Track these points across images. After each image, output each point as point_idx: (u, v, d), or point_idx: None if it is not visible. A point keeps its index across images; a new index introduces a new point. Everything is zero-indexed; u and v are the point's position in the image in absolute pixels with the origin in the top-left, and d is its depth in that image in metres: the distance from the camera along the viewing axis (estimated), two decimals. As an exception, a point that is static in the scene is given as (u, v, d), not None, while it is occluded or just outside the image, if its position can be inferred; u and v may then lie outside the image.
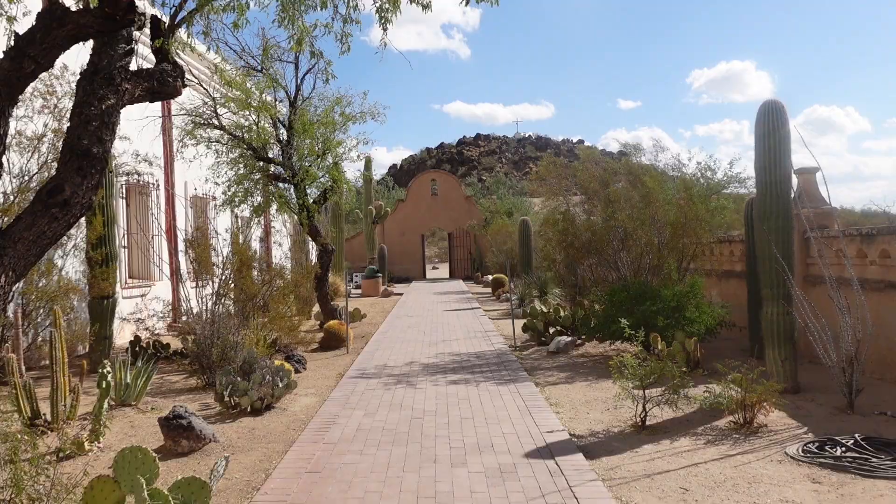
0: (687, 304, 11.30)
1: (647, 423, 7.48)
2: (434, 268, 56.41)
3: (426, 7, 6.94)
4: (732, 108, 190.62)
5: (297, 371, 11.26)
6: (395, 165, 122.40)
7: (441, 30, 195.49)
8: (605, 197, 13.94)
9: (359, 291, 30.22)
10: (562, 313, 14.44)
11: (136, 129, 14.27)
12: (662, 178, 14.67)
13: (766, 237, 8.93)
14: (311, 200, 16.18)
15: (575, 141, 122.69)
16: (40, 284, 11.43)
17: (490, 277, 30.70)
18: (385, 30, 6.87)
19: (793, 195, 9.15)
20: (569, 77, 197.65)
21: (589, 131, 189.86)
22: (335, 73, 7.74)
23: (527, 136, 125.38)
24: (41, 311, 11.53)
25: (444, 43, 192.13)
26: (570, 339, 13.10)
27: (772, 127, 8.91)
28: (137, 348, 12.44)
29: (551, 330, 14.22)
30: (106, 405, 7.33)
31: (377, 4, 6.79)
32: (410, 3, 6.96)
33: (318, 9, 6.50)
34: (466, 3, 6.88)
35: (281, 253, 22.27)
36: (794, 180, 10.05)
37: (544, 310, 14.94)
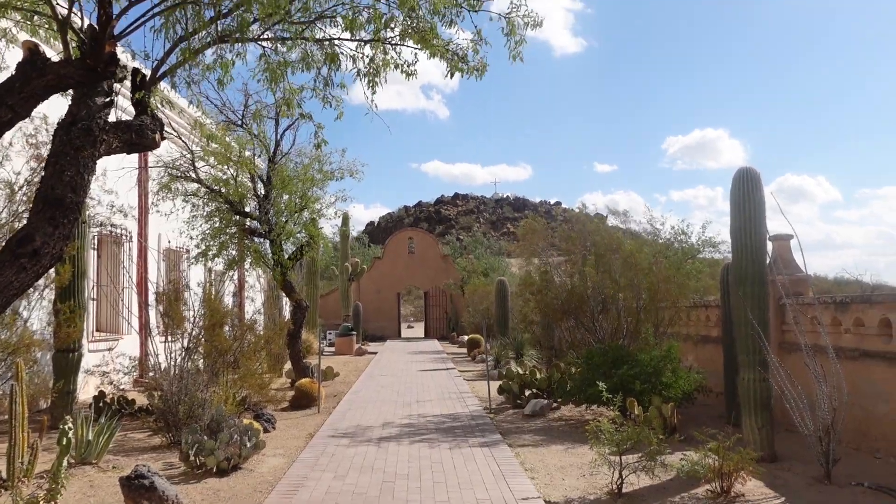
0: (664, 368, 11.30)
1: (624, 490, 7.39)
2: (409, 326, 56.12)
3: (410, 75, 7.09)
4: (706, 174, 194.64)
5: (266, 430, 11.04)
6: (372, 223, 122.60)
7: (421, 91, 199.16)
8: (588, 261, 14.05)
9: (332, 349, 29.91)
10: (538, 375, 14.37)
11: (112, 179, 14.22)
12: (641, 242, 14.85)
13: (742, 302, 9.02)
14: (287, 256, 16.13)
15: (552, 203, 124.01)
16: (2, 336, 11.18)
17: (466, 338, 30.58)
18: (374, 92, 6.99)
19: (768, 261, 9.29)
20: (546, 140, 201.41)
21: (566, 193, 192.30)
22: (318, 134, 7.81)
23: (505, 196, 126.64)
24: (2, 363, 11.25)
25: (423, 103, 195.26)
26: (546, 401, 13.00)
27: (747, 193, 9.10)
28: (101, 404, 12.15)
29: (527, 392, 14.11)
30: (65, 463, 7.11)
31: (359, 68, 6.93)
32: (395, 70, 7.11)
33: (302, 70, 6.62)
34: (451, 76, 7.04)
35: (254, 308, 22.07)
36: (769, 247, 10.22)
37: (520, 372, 14.86)
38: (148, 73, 6.17)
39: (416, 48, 6.95)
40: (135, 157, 16.32)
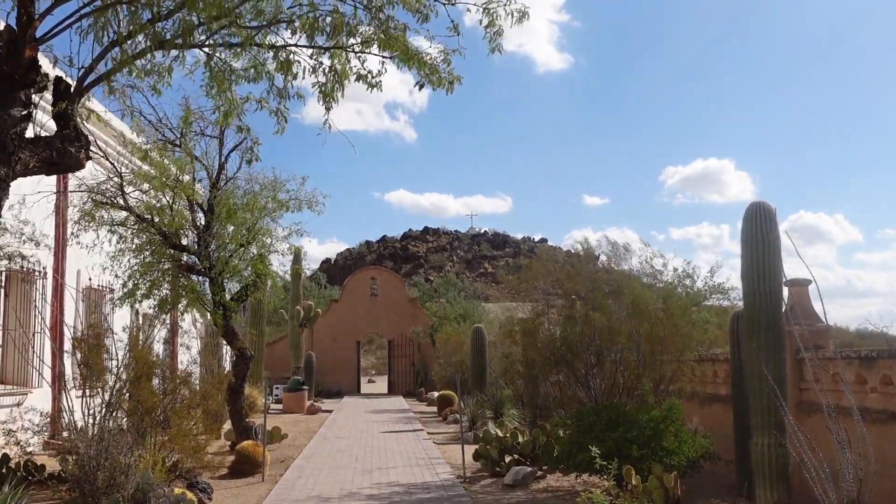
0: (665, 431, 11.31)
1: (621, 574, 7.33)
2: (370, 381, 55.71)
3: (374, 87, 7.14)
4: (710, 209, 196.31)
5: (200, 502, 10.87)
6: (328, 260, 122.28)
7: (384, 109, 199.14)
8: (586, 306, 14.14)
9: (280, 407, 29.56)
10: (520, 439, 14.31)
11: (27, 205, 14.06)
12: (645, 286, 14.98)
13: (755, 356, 9.09)
14: (230, 297, 16.00)
15: (537, 240, 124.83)
16: None
17: (436, 394, 30.41)
18: (329, 109, 7.02)
19: (784, 309, 9.39)
20: (528, 167, 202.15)
21: (551, 229, 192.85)
22: (260, 154, 7.80)
23: (482, 231, 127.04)
24: None
25: (387, 124, 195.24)
26: (529, 469, 12.93)
27: (761, 231, 9.23)
28: (5, 469, 11.87)
29: (508, 458, 14.03)
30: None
31: (318, 79, 6.94)
32: (357, 81, 7.15)
33: (252, 81, 6.63)
34: (420, 88, 7.11)
35: (188, 357, 21.75)
36: (785, 292, 10.34)
37: (500, 434, 14.79)
38: (73, 82, 6.13)
39: (383, 56, 7.01)
40: (53, 179, 16.17)
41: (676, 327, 12.99)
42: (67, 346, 14.01)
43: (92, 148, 7.37)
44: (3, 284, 15.57)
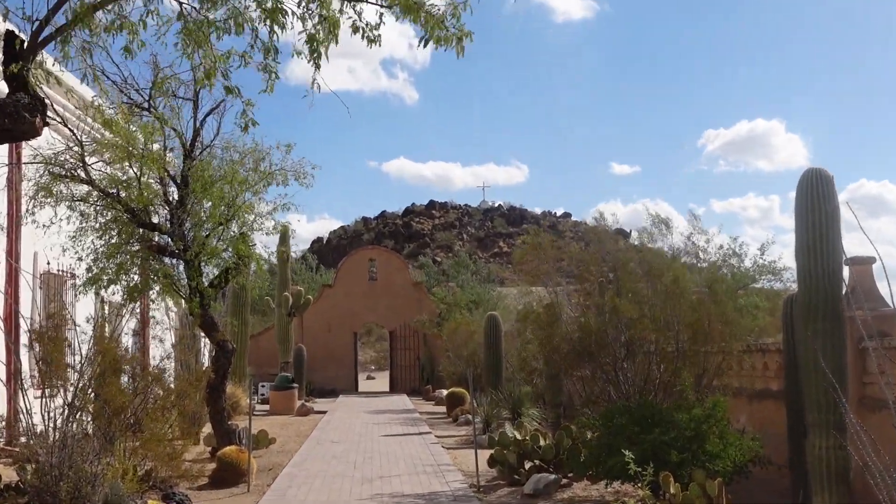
0: (708, 432, 11.34)
1: None
2: (370, 377, 55.91)
3: (373, 41, 7.10)
4: (758, 178, 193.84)
5: (178, 516, 10.93)
6: (320, 240, 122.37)
7: (381, 67, 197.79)
8: (609, 290, 14.14)
9: (266, 407, 29.70)
10: (542, 442, 14.37)
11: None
12: (683, 267, 14.97)
13: (811, 345, 9.10)
14: (208, 283, 16.04)
15: (558, 215, 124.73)
16: None
17: (444, 392, 30.48)
18: (318, 67, 6.99)
19: (844, 291, 9.39)
20: (547, 132, 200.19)
21: (575, 202, 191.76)
22: (247, 112, 7.71)
23: (495, 205, 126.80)
24: None
25: (384, 83, 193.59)
26: (553, 477, 12.98)
27: (817, 202, 9.21)
28: (-45, 481, 11.97)
29: (528, 465, 14.09)
30: None
31: (307, 31, 6.91)
32: (354, 35, 7.11)
33: (233, 33, 6.61)
34: (424, 45, 7.05)
35: (162, 352, 21.84)
36: (846, 272, 10.33)
37: (518, 437, 14.85)
38: (27, 37, 6.14)
39: (381, 4, 6.98)
40: (4, 149, 16.20)
41: (721, 313, 12.98)
42: (24, 339, 14.09)
43: (49, 113, 7.39)
44: (-51, 270, 15.67)
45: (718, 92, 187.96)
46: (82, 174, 14.74)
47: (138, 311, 21.58)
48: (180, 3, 6.47)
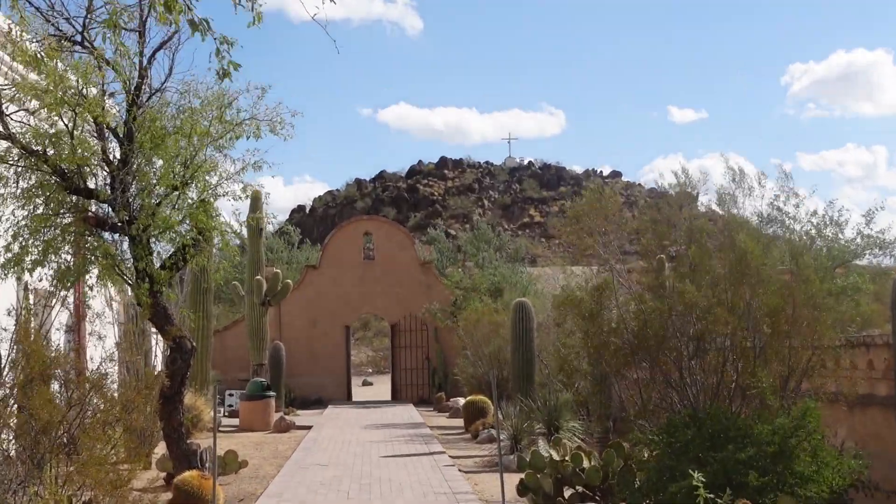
0: (797, 449, 11.30)
1: None
2: (366, 383, 56.07)
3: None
4: (859, 125, 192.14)
5: (125, 559, 10.97)
6: (301, 208, 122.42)
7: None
8: (678, 270, 14.07)
9: (235, 422, 29.81)
10: (586, 463, 14.36)
11: None
12: (761, 239, 14.87)
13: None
14: (159, 264, 16.03)
15: (605, 174, 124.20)
16: None
17: (461, 401, 30.49)
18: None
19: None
20: (588, 69, 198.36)
21: (625, 157, 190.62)
22: (221, 52, 7.59)
23: (524, 163, 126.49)
24: None
25: (378, 9, 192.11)
26: (599, 508, 12.98)
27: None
28: None
29: (568, 492, 14.10)
30: None
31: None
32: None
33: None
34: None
35: (102, 352, 21.89)
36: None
37: (556, 457, 14.85)
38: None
39: None
40: None
41: (810, 297, 12.92)
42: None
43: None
44: None
45: (806, 17, 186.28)
46: (-1, 127, 14.72)
47: (72, 300, 21.61)
48: None
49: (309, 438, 25.83)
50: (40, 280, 16.59)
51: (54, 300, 16.96)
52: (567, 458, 14.64)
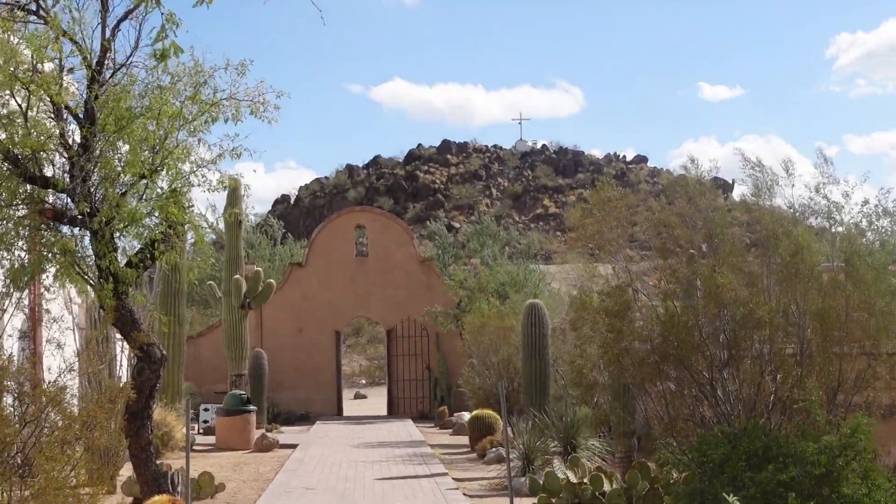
0: (846, 469, 11.33)
1: None
2: (359, 395, 56.08)
3: None
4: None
5: None
6: (285, 199, 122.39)
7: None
8: (702, 266, 14.10)
9: (211, 440, 29.86)
10: (607, 486, 14.41)
11: None
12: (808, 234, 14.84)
13: None
14: (125, 262, 16.06)
15: (629, 159, 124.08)
16: None
17: (466, 416, 30.52)
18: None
19: None
20: (607, 43, 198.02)
21: (651, 140, 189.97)
22: (166, 30, 7.64)
23: (537, 146, 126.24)
24: None
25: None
26: (622, 536, 13.03)
27: None
28: None
29: (586, 519, 14.14)
30: None
31: None
32: None
33: None
34: None
35: (61, 362, 21.96)
36: None
37: (573, 479, 14.91)
38: None
39: None
40: None
41: (865, 299, 12.94)
42: None
43: None
44: None
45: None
46: (-56, 108, 14.77)
47: (26, 303, 21.68)
48: None
49: (294, 458, 25.85)
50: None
51: (6, 302, 17.00)
52: (586, 481, 14.69)
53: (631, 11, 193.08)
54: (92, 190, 15.48)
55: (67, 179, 15.61)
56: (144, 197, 15.88)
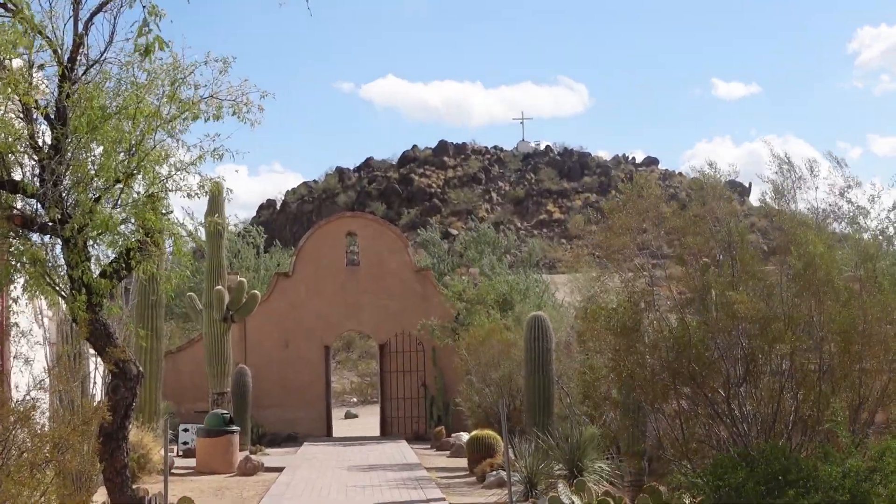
0: (872, 494, 11.30)
1: None
2: (350, 414, 56.02)
3: None
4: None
5: None
6: (271, 204, 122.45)
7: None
8: (719, 276, 14.08)
9: (192, 462, 29.82)
10: (615, 512, 14.39)
11: None
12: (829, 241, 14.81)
13: None
14: (99, 272, 16.03)
15: (639, 161, 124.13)
16: None
17: (465, 437, 30.48)
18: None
19: None
20: (614, 37, 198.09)
21: (662, 141, 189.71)
22: (149, 23, 7.62)
23: (541, 148, 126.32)
24: None
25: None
26: (631, 566, 13.01)
27: None
28: None
29: (593, 548, 14.12)
30: None
31: None
32: None
33: None
34: None
35: (30, 379, 21.97)
36: None
37: (579, 504, 14.88)
38: None
39: None
40: None
41: (886, 309, 12.90)
42: None
43: None
44: None
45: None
46: None
47: (-6, 315, 21.64)
48: None
49: (280, 483, 25.81)
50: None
51: (-28, 316, 16.95)
52: (593, 506, 14.68)
53: (638, 1, 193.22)
54: (63, 195, 15.47)
55: (37, 184, 15.59)
56: (119, 202, 15.88)
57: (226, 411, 31.34)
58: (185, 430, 33.59)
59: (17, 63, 15.09)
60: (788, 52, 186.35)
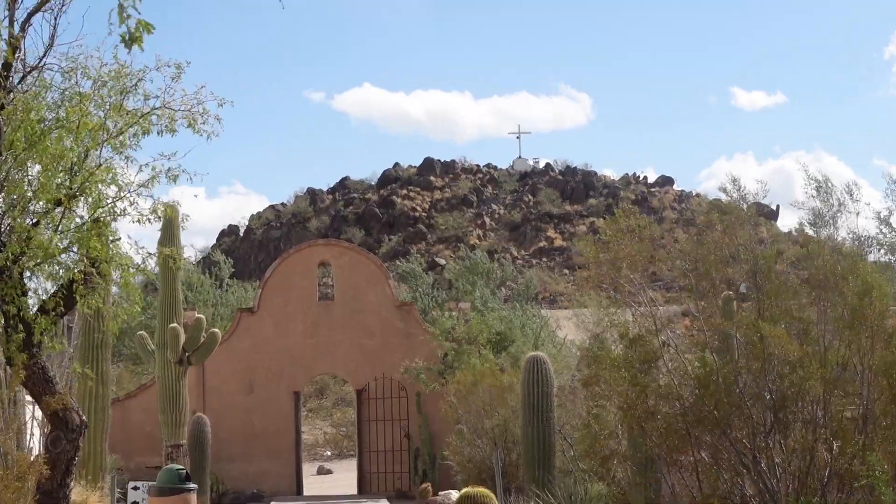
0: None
1: None
2: (324, 470, 55.96)
3: None
4: None
5: None
6: (233, 230, 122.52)
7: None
8: (742, 313, 14.13)
9: (142, 525, 29.83)
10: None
11: None
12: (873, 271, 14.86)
13: None
14: (37, 307, 16.04)
15: (651, 181, 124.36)
16: None
17: (454, 494, 30.52)
18: None
19: None
20: (621, 42, 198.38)
21: (675, 158, 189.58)
22: (125, 7, 7.63)
23: (540, 166, 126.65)
24: None
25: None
26: None
27: None
28: None
29: None
30: None
31: None
32: None
33: None
34: None
35: (-41, 430, 21.97)
36: None
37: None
38: None
39: None
40: None
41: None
42: None
43: None
44: None
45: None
46: None
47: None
48: None
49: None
50: None
51: None
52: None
53: (647, 2, 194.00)
54: (-3, 221, 15.46)
55: (-32, 207, 15.59)
56: (60, 228, 15.85)
57: (181, 466, 31.07)
58: (135, 489, 33.49)
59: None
60: (816, 57, 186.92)
